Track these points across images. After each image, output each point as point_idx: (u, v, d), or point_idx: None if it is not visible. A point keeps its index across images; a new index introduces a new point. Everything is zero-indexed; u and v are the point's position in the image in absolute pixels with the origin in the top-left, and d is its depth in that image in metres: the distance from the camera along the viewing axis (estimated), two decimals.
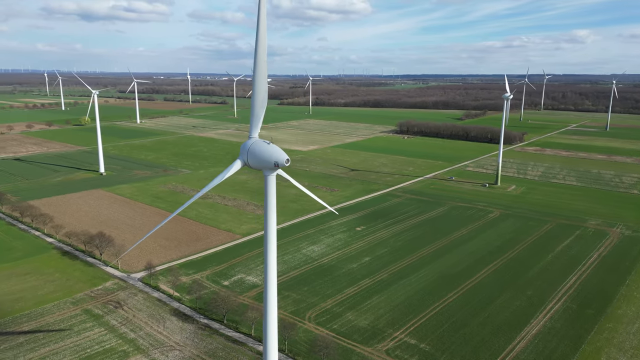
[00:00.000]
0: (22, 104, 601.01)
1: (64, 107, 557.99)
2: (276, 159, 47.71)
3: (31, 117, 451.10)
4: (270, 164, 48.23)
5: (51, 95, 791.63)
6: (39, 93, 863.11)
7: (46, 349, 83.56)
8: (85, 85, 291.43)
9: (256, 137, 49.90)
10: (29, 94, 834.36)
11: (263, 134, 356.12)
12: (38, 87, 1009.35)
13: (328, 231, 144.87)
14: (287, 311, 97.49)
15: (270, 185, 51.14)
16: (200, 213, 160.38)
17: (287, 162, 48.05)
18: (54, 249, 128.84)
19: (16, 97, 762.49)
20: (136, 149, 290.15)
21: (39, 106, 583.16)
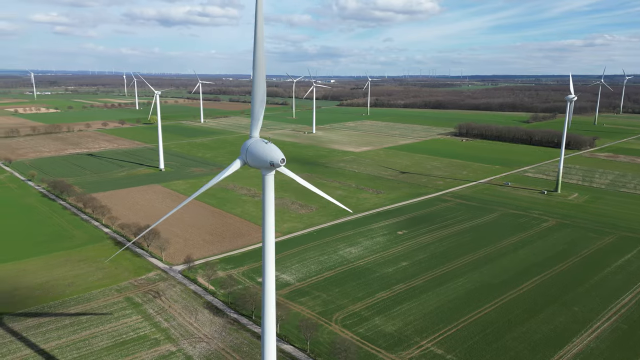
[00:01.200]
0: (102, 104, 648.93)
1: (137, 107, 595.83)
2: (271, 158, 48.00)
3: (108, 115, 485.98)
4: (267, 164, 48.60)
5: (128, 95, 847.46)
6: (118, 93, 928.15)
7: (87, 332, 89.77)
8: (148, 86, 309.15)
9: (256, 136, 50.50)
10: (110, 95, 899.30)
11: (318, 135, 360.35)
12: (118, 88, 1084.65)
13: (368, 234, 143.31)
14: (315, 312, 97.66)
15: (268, 185, 51.43)
16: (245, 210, 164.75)
17: (282, 162, 48.16)
18: (109, 238, 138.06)
19: (98, 97, 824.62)
20: (196, 147, 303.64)
21: (116, 106, 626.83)
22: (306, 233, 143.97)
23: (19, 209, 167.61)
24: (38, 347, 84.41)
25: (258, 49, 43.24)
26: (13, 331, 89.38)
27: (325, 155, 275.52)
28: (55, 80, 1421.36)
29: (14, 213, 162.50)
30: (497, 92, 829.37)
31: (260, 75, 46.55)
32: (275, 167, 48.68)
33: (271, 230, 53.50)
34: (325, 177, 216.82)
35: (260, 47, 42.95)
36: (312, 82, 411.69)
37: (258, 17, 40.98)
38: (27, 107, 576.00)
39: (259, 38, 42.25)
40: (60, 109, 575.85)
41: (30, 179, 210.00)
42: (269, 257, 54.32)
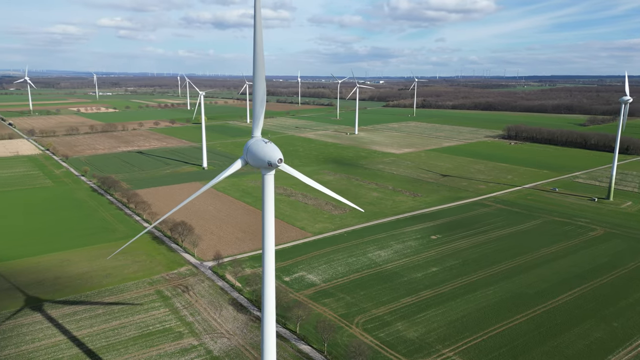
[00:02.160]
0: (156, 104, 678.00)
1: (189, 107, 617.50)
2: (269, 158, 48.07)
3: (160, 115, 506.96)
4: (265, 163, 48.75)
5: (181, 96, 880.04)
6: (172, 94, 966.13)
7: (117, 321, 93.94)
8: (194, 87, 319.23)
9: (257, 136, 50.72)
10: (165, 95, 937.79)
11: (360, 136, 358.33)
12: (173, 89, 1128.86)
13: (400, 237, 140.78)
14: (337, 313, 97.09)
15: (268, 184, 51.52)
16: (280, 209, 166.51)
17: (279, 162, 48.11)
18: (147, 233, 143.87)
19: (154, 97, 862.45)
20: (240, 146, 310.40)
21: (169, 106, 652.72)
22: (337, 234, 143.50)
23: (70, 202, 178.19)
24: (71, 334, 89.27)
25: (257, 50, 43.53)
26: (50, 317, 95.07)
27: (365, 157, 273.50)
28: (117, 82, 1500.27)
29: (65, 206, 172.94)
30: (554, 93, 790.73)
31: (260, 75, 46.87)
32: (274, 167, 48.74)
33: (271, 231, 53.64)
34: (363, 179, 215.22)
35: (259, 47, 43.21)
36: (356, 83, 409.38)
37: (256, 20, 41.23)
38: (88, 107, 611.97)
39: (258, 39, 42.53)
40: (118, 108, 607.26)
41: (83, 174, 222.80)
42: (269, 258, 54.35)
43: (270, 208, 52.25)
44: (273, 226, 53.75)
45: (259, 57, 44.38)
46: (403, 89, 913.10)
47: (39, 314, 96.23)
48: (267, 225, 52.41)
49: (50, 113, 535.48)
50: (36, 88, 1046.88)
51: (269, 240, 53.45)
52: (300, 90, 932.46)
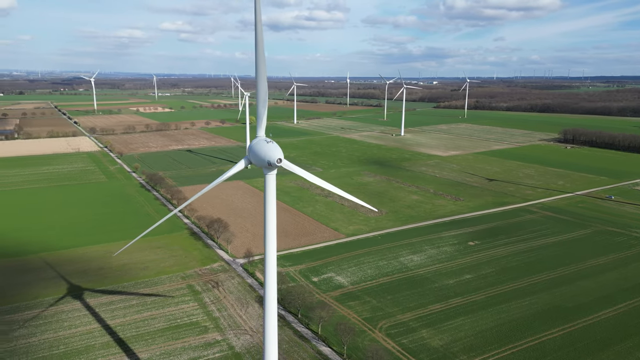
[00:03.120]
0: (210, 104, 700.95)
1: (240, 107, 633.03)
2: (269, 157, 48.08)
3: (213, 115, 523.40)
4: (265, 163, 48.83)
5: (234, 97, 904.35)
6: (226, 95, 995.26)
7: (148, 313, 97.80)
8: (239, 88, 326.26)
9: (261, 135, 50.87)
10: (219, 96, 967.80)
11: (406, 137, 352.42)
12: (227, 90, 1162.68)
13: (435, 242, 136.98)
14: (361, 317, 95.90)
15: (269, 184, 51.53)
16: (316, 210, 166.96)
17: (278, 162, 47.97)
18: (186, 229, 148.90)
19: (209, 98, 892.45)
20: (284, 146, 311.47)
21: (222, 106, 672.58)
22: (370, 237, 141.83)
23: (120, 197, 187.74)
24: (105, 323, 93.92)
25: (259, 51, 43.78)
26: (88, 306, 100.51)
27: (409, 159, 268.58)
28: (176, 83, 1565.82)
29: (114, 201, 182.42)
30: (620, 94, 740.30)
31: (261, 76, 47.12)
32: (274, 167, 48.78)
33: (272, 231, 53.63)
34: (403, 181, 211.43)
35: (260, 48, 43.43)
36: (402, 84, 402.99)
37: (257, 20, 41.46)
38: (147, 107, 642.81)
39: (259, 40, 42.77)
40: (174, 108, 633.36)
41: (134, 171, 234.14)
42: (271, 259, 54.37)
43: (272, 207, 52.34)
44: (275, 226, 53.84)
45: (260, 58, 44.66)
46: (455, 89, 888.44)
47: (79, 302, 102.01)
48: (268, 225, 52.58)
49: (112, 112, 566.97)
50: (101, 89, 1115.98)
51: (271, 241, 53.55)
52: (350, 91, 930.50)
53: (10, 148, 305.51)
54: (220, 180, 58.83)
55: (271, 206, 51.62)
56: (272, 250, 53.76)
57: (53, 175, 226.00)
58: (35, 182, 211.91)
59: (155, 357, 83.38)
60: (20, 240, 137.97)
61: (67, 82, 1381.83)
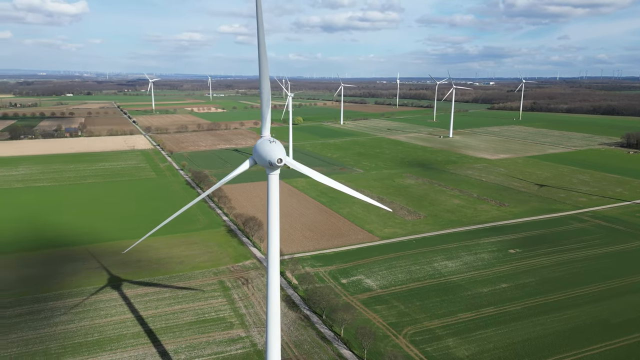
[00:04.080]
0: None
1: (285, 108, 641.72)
2: (270, 158, 47.88)
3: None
4: (267, 163, 48.70)
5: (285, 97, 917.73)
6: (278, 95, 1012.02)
7: (179, 306, 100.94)
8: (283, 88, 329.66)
9: (265, 135, 50.81)
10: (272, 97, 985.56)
11: (454, 139, 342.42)
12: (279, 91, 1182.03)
13: (473, 248, 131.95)
14: (387, 322, 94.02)
15: (272, 184, 51.30)
16: (352, 211, 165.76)
17: (278, 162, 47.60)
18: (224, 226, 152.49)
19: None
20: (327, 147, 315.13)
21: (273, 107, 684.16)
22: (405, 240, 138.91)
23: (166, 193, 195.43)
24: (138, 314, 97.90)
25: (261, 52, 43.77)
26: (124, 296, 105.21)
27: (455, 161, 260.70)
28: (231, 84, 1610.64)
29: (161, 197, 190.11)
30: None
31: (265, 77, 47.12)
32: (275, 167, 48.62)
33: (276, 232, 53.38)
34: (446, 184, 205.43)
35: (263, 49, 43.41)
36: (452, 84, 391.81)
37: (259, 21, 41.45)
38: (202, 107, 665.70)
39: (261, 41, 42.79)
40: (226, 109, 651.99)
41: (182, 168, 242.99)
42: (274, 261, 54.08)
43: (275, 208, 52.20)
44: (278, 227, 53.61)
45: (263, 59, 44.69)
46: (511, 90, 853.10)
47: (116, 293, 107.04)
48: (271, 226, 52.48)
49: (169, 112, 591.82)
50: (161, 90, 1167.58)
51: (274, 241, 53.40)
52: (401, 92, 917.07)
53: (73, 145, 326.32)
54: (225, 181, 59.42)
55: (274, 206, 51.55)
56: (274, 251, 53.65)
57: (107, 171, 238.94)
58: (91, 178, 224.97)
59: (180, 349, 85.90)
60: (71, 232, 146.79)
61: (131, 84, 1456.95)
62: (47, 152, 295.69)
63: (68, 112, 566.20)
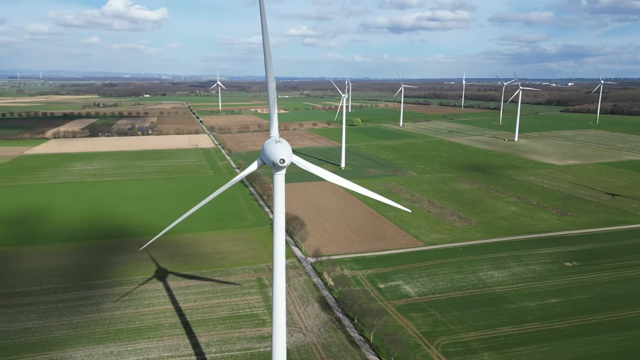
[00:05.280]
0: (322, 106, 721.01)
1: (350, 110, 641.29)
2: (273, 158, 47.49)
3: (321, 117, 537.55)
4: (271, 163, 48.36)
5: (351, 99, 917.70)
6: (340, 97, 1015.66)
7: (216, 300, 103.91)
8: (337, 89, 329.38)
9: (273, 135, 50.48)
10: (333, 98, 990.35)
11: (520, 143, 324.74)
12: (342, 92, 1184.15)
13: (524, 259, 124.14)
14: (420, 330, 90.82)
15: (277, 185, 50.87)
16: (399, 215, 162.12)
17: (281, 162, 47.01)
18: (270, 224, 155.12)
19: (323, 100, 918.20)
20: (383, 148, 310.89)
21: (333, 108, 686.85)
22: (451, 247, 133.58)
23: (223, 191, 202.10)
24: (177, 305, 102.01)
25: (266, 53, 43.61)
26: (168, 288, 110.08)
27: (517, 166, 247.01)
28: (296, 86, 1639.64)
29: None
30: None
31: (270, 78, 47.03)
32: (279, 167, 48.24)
33: (281, 234, 52.94)
34: (504, 190, 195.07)
35: (267, 51, 43.24)
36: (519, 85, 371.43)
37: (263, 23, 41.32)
38: (264, 108, 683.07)
39: (266, 43, 42.65)
40: (288, 110, 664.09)
41: (238, 167, 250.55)
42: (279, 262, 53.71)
43: (281, 209, 51.88)
44: (283, 228, 53.25)
45: (268, 61, 44.59)
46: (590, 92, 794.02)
47: (161, 284, 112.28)
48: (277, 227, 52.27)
49: (234, 113, 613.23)
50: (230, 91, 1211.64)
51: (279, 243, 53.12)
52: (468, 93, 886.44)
53: (142, 142, 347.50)
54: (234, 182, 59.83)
55: (280, 207, 51.28)
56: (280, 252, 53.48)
57: (170, 168, 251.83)
58: (154, 174, 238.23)
59: (212, 342, 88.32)
60: (128, 224, 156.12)
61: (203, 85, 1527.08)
62: (119, 149, 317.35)
63: (143, 112, 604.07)
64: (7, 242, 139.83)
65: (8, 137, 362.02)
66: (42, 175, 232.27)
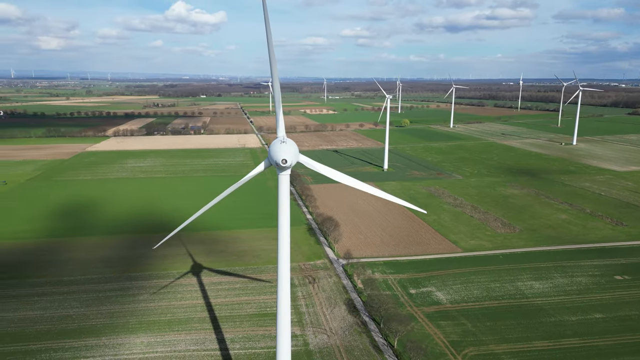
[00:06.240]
0: (371, 107, 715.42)
1: (400, 110, 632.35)
2: (276, 158, 47.03)
3: (369, 117, 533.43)
4: (274, 163, 47.95)
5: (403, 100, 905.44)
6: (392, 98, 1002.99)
7: (245, 297, 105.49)
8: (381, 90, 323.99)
9: (280, 136, 50.07)
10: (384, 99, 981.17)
11: (578, 147, 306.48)
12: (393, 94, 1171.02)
13: (569, 270, 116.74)
14: (448, 339, 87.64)
15: (282, 185, 50.29)
16: (439, 219, 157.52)
17: (283, 163, 46.43)
18: (305, 224, 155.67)
19: (373, 101, 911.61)
20: (429, 150, 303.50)
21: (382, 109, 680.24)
22: (491, 254, 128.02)
23: (261, 190, 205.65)
24: (208, 301, 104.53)
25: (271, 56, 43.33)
26: (201, 283, 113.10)
27: (572, 171, 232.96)
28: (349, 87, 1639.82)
29: (255, 192, 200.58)
30: None
31: (276, 79, 46.81)
32: (282, 167, 47.80)
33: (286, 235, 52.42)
34: (555, 197, 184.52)
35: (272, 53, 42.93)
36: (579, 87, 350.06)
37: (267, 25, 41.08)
38: (314, 109, 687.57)
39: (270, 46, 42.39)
40: (337, 111, 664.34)
41: None
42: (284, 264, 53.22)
43: (285, 209, 51.47)
44: (288, 228, 52.82)
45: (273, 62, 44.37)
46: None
47: (195, 279, 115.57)
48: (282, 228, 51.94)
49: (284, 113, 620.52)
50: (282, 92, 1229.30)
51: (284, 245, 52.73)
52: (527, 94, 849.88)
53: (193, 141, 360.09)
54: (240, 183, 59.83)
55: (284, 208, 50.95)
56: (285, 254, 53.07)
57: (216, 167, 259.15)
58: (201, 172, 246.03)
59: (237, 339, 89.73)
60: (171, 219, 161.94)
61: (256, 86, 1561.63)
62: (171, 147, 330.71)
63: (198, 112, 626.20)
64: (61, 232, 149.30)
65: (73, 135, 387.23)
66: (99, 171, 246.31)
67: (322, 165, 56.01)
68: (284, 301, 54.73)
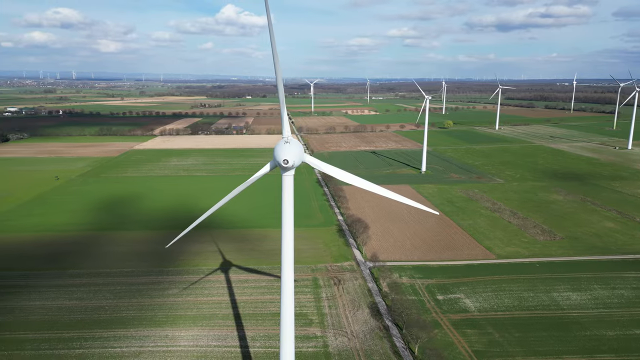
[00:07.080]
0: (414, 107, 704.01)
1: (444, 112, 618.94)
2: (278, 158, 46.58)
3: (410, 118, 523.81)
4: (278, 163, 47.55)
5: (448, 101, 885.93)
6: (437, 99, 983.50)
7: (269, 296, 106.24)
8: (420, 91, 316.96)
9: (285, 136, 49.60)
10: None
11: (634, 151, 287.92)
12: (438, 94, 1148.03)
13: (611, 282, 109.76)
14: (472, 348, 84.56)
15: (285, 186, 49.85)
16: (475, 224, 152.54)
17: (284, 163, 45.89)
18: (336, 225, 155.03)
19: (418, 101, 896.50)
20: (471, 153, 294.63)
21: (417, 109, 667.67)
22: (527, 262, 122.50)
23: (296, 189, 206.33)
24: (233, 297, 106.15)
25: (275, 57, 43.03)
26: (228, 280, 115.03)
27: (624, 177, 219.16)
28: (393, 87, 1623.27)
29: None
30: None
31: (279, 80, 46.54)
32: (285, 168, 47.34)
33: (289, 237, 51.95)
34: (602, 203, 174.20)
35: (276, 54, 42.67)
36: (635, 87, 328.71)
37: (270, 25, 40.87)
38: (356, 110, 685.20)
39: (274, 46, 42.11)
40: (379, 111, 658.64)
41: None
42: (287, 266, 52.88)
43: (289, 211, 51.07)
44: (292, 231, 52.35)
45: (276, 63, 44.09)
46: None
47: (223, 276, 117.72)
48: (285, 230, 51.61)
49: (325, 114, 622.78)
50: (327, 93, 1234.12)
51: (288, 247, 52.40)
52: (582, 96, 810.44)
53: (235, 141, 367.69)
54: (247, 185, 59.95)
55: (288, 209, 50.55)
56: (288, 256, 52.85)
57: (254, 166, 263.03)
58: (239, 171, 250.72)
59: (257, 337, 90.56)
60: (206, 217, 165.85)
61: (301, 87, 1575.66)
62: (213, 146, 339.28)
63: (242, 112, 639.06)
64: (103, 226, 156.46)
65: (123, 134, 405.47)
66: (144, 169, 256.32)
67: (329, 165, 55.58)
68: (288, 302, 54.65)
